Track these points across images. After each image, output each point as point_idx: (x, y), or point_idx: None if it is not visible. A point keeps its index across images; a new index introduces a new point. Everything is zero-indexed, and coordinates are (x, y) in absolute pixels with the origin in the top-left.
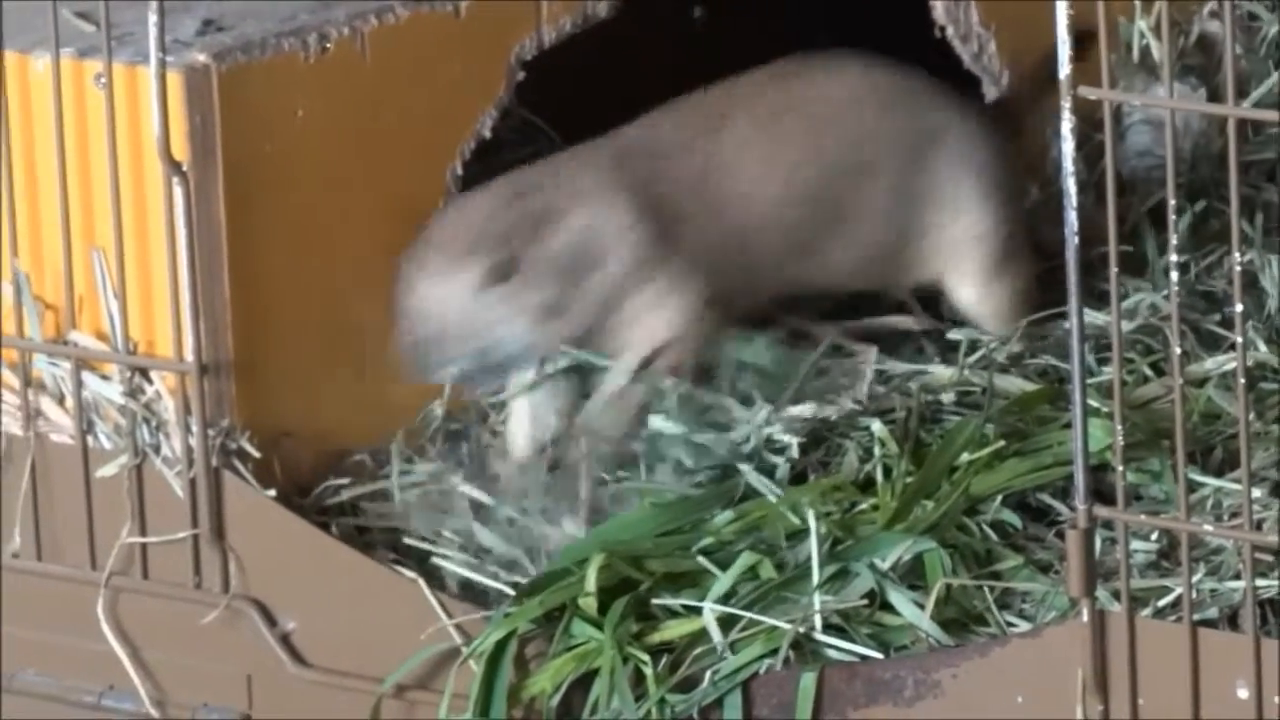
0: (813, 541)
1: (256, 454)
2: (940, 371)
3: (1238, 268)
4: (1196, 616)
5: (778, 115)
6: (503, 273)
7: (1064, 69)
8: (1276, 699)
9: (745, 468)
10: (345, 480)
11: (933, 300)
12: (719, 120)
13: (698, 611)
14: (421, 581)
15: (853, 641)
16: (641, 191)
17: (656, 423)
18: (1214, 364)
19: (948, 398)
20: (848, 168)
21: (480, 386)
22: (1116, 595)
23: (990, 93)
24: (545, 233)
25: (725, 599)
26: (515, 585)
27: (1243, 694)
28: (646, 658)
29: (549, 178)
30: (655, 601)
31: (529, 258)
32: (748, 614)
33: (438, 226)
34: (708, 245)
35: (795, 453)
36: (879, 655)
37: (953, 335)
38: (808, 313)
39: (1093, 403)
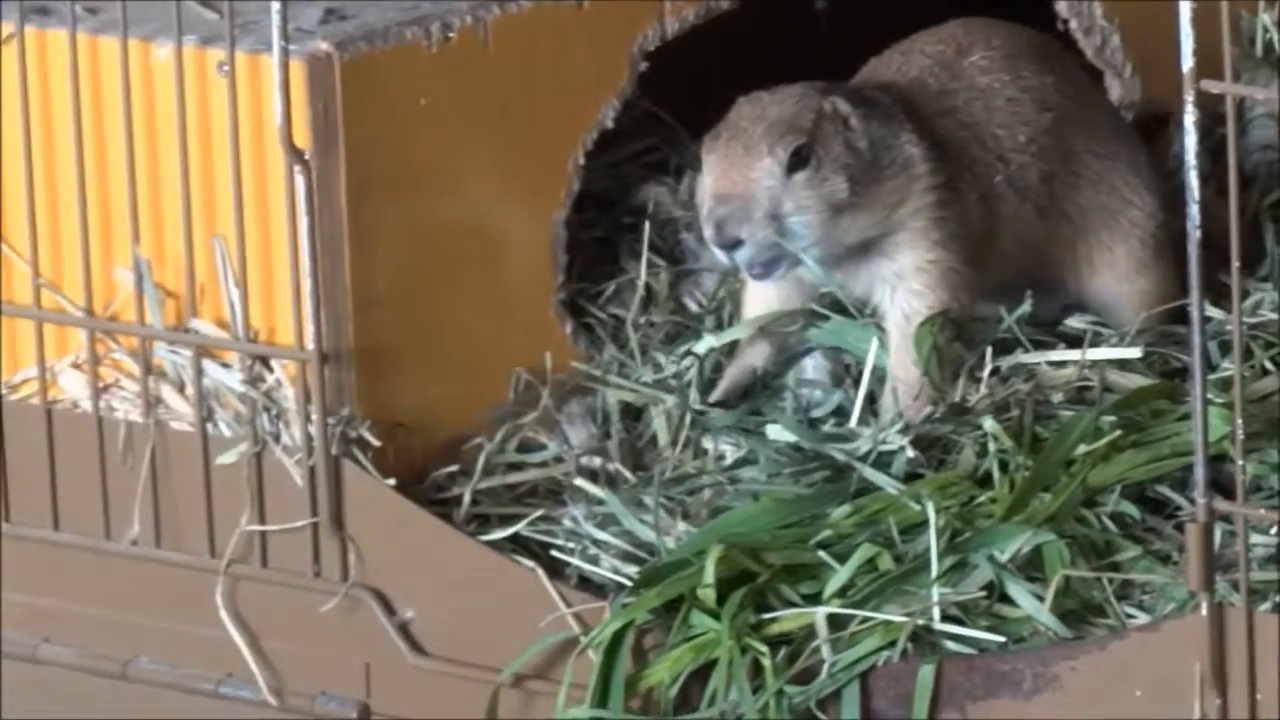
0: (931, 533)
1: (376, 442)
2: (1047, 370)
3: None
4: None
5: (1011, 58)
6: (805, 159)
7: (1187, 62)
8: None
9: (861, 465)
10: (455, 467)
11: None
12: (957, 68)
13: (817, 602)
14: (540, 570)
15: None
16: (928, 123)
17: (773, 432)
18: None
19: (1060, 397)
20: (1071, 116)
21: (759, 273)
22: (1235, 586)
23: (1113, 87)
24: (846, 134)
25: (844, 591)
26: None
27: None
28: (765, 649)
29: (840, 90)
30: (774, 593)
31: (830, 153)
32: (860, 611)
33: (741, 114)
34: (970, 204)
35: (910, 452)
36: (999, 639)
37: (1071, 323)
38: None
39: (1210, 395)
